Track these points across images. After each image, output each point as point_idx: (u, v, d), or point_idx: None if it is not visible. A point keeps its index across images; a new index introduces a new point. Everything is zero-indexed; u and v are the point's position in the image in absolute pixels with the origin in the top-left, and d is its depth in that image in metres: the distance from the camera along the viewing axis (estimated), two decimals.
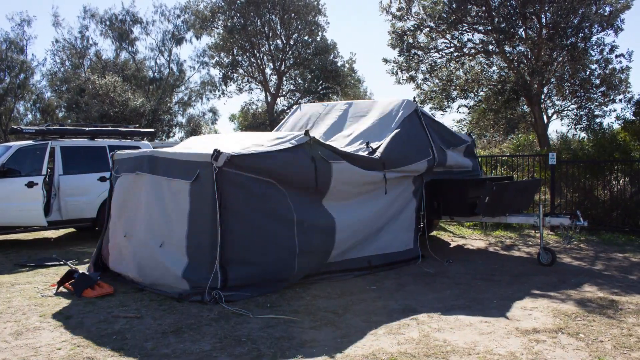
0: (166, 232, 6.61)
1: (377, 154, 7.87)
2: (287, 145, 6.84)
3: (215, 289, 6.04)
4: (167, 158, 6.83)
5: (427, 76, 17.68)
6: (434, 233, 11.03)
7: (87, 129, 11.48)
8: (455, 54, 17.02)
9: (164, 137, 30.51)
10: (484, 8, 15.17)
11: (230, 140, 7.40)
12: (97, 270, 7.51)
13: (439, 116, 17.79)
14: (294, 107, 10.68)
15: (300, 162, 6.84)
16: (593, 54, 15.47)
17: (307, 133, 7.06)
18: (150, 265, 6.73)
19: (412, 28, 16.58)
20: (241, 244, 6.34)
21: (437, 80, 17.77)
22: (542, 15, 15.17)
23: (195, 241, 6.33)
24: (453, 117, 76.36)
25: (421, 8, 16.21)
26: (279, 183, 6.65)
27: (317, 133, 8.77)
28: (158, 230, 6.73)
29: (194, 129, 32.50)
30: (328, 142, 7.67)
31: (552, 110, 18.92)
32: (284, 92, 30.14)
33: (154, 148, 11.98)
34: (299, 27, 27.53)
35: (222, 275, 6.13)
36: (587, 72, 15.85)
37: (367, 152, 7.91)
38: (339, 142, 8.45)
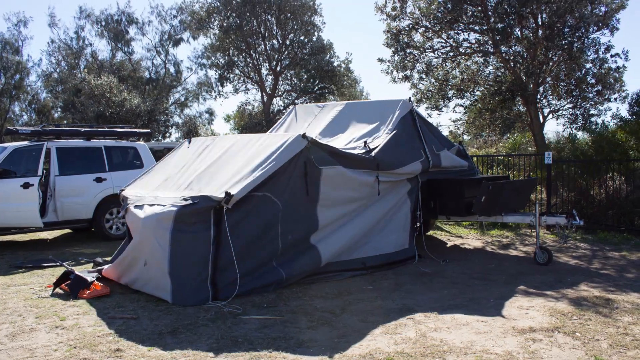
0: (148, 252, 6.43)
1: (372, 154, 7.88)
2: (285, 157, 6.75)
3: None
4: (167, 197, 6.66)
5: (423, 76, 17.68)
6: (430, 233, 11.04)
7: (83, 129, 11.44)
8: (451, 54, 17.03)
9: (160, 138, 30.43)
10: (479, 8, 15.19)
11: (225, 156, 7.23)
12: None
13: (435, 116, 17.80)
14: (290, 107, 10.64)
15: (294, 172, 6.84)
16: (589, 53, 15.51)
17: (304, 136, 7.03)
18: (142, 281, 6.65)
19: (407, 28, 16.57)
20: (234, 262, 6.21)
21: (433, 80, 17.77)
22: (539, 15, 15.20)
23: (179, 263, 6.08)
24: (449, 116, 76.35)
25: (416, 8, 16.20)
26: (273, 195, 6.64)
27: (312, 134, 8.77)
28: (142, 249, 6.55)
29: (190, 129, 32.43)
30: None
31: (548, 110, 18.93)
32: (280, 92, 30.12)
33: (149, 149, 12.06)
34: (295, 27, 27.51)
35: (212, 292, 6.12)
36: (583, 72, 15.88)
37: (363, 152, 7.92)
38: (335, 143, 8.46)
